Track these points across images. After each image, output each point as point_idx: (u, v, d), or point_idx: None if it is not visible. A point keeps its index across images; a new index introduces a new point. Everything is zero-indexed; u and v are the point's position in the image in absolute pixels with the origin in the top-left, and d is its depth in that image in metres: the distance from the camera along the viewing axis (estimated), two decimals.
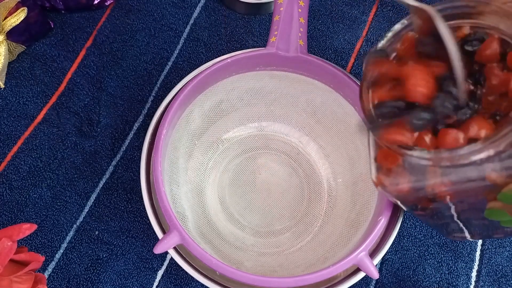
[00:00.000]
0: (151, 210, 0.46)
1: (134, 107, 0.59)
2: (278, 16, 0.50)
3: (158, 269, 0.53)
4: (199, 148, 0.55)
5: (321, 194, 0.56)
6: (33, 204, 0.54)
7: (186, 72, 0.52)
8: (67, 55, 0.61)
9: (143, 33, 0.63)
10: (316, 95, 0.54)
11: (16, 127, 0.57)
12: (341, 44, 0.64)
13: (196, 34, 0.64)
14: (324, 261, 0.48)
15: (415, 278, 0.54)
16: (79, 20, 0.63)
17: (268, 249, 0.53)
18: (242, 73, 0.52)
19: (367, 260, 0.42)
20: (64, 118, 0.58)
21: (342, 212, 0.53)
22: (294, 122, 0.58)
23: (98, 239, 0.53)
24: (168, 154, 0.49)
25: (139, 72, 0.61)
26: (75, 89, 0.59)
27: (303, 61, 0.50)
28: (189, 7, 0.65)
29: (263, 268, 0.50)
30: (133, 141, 0.58)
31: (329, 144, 0.56)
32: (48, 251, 0.53)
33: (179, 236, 0.42)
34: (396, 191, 0.39)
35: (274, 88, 0.55)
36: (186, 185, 0.53)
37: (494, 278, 0.54)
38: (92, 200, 0.55)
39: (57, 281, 0.52)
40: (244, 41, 0.64)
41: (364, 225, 0.47)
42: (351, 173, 0.54)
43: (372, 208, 0.47)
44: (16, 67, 0.60)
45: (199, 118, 0.54)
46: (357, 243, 0.44)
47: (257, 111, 0.57)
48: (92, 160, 0.57)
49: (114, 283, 0.52)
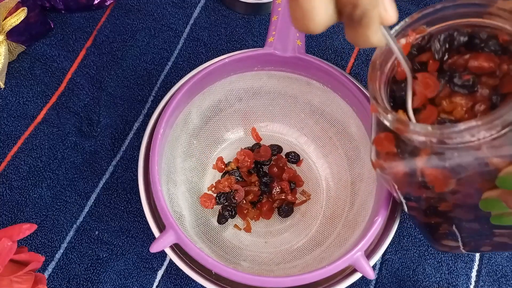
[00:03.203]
0: (149, 209, 0.46)
1: (134, 107, 0.59)
2: (276, 16, 0.50)
3: (158, 269, 0.53)
4: (197, 148, 0.55)
5: (319, 194, 0.56)
6: (33, 204, 0.54)
7: (186, 72, 0.52)
8: (67, 55, 0.61)
9: (143, 33, 0.63)
10: (314, 95, 0.54)
11: (16, 127, 0.57)
12: (341, 44, 0.64)
13: (196, 34, 0.64)
14: (320, 261, 0.48)
15: (415, 278, 0.54)
16: (79, 20, 0.63)
17: (265, 249, 0.53)
18: (240, 73, 0.52)
19: (363, 260, 0.42)
20: (64, 118, 0.58)
21: (340, 212, 0.53)
22: (293, 122, 0.58)
23: (98, 239, 0.54)
24: (165, 153, 0.49)
25: (139, 72, 0.61)
26: (75, 89, 0.60)
27: (301, 61, 0.50)
28: (189, 7, 0.65)
29: (260, 268, 0.50)
30: (133, 141, 0.58)
31: (327, 144, 0.56)
32: (48, 251, 0.53)
33: (175, 235, 0.42)
34: (392, 174, 0.39)
35: (272, 88, 0.55)
36: (183, 184, 0.53)
37: (494, 278, 0.54)
38: (92, 200, 0.55)
39: (57, 281, 0.52)
40: (244, 41, 0.64)
41: (362, 225, 0.47)
42: (350, 173, 0.54)
43: (370, 208, 0.47)
44: (16, 67, 0.60)
45: (197, 118, 0.54)
46: (353, 243, 0.44)
47: (256, 111, 0.57)
48: (92, 160, 0.57)
49: (114, 283, 0.52)
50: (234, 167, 0.55)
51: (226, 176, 0.55)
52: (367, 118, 0.48)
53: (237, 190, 0.53)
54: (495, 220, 0.40)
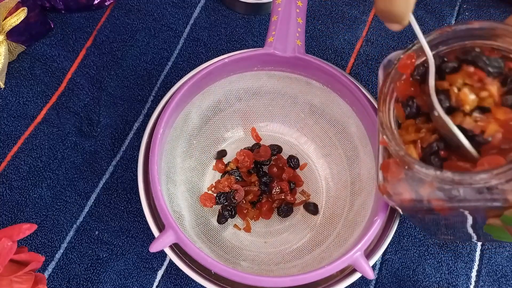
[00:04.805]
0: (148, 209, 0.46)
1: (134, 107, 0.59)
2: (276, 17, 0.50)
3: (158, 269, 0.53)
4: (196, 148, 0.55)
5: (319, 194, 0.56)
6: (33, 204, 0.54)
7: (186, 72, 0.52)
8: (67, 55, 0.61)
9: (143, 33, 0.63)
10: (314, 95, 0.54)
11: (16, 127, 0.57)
12: (341, 44, 0.64)
13: (196, 34, 0.64)
14: (320, 261, 0.48)
15: (415, 278, 0.54)
16: (79, 20, 0.63)
17: (265, 249, 0.53)
18: (240, 73, 0.52)
19: (363, 260, 0.42)
20: (64, 118, 0.58)
21: (339, 212, 0.53)
22: (293, 122, 0.58)
23: (98, 239, 0.54)
24: (165, 153, 0.49)
25: (139, 72, 0.61)
26: (75, 89, 0.60)
27: (301, 61, 0.50)
28: (189, 7, 0.65)
29: (260, 268, 0.50)
30: (133, 141, 0.58)
31: (327, 144, 0.56)
32: (48, 251, 0.53)
33: (174, 235, 0.42)
34: (399, 201, 0.39)
35: (272, 88, 0.55)
36: (183, 184, 0.53)
37: (494, 278, 0.54)
38: (92, 200, 0.55)
39: (57, 281, 0.52)
40: (244, 41, 0.64)
41: (361, 225, 0.47)
42: (349, 173, 0.54)
43: (369, 208, 0.47)
44: (16, 67, 0.60)
45: (197, 117, 0.54)
46: (353, 243, 0.44)
47: (255, 111, 0.57)
48: (92, 160, 0.57)
49: (114, 283, 0.52)
50: (233, 167, 0.55)
51: (226, 176, 0.55)
52: (367, 118, 0.48)
53: (237, 190, 0.53)
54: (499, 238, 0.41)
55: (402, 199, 0.38)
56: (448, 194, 0.35)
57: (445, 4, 0.67)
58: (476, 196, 0.34)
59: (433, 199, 0.36)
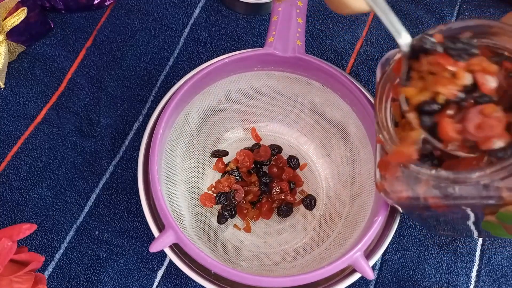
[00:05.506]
0: (148, 209, 0.46)
1: (134, 107, 0.59)
2: (276, 17, 0.50)
3: (158, 269, 0.53)
4: (196, 148, 0.55)
5: (319, 194, 0.56)
6: (33, 204, 0.54)
7: (186, 72, 0.52)
8: (67, 55, 0.61)
9: (143, 33, 0.63)
10: (314, 96, 0.54)
11: (16, 127, 0.57)
12: (341, 44, 0.64)
13: (196, 34, 0.64)
14: (320, 261, 0.48)
15: (415, 278, 0.54)
16: (79, 20, 0.63)
17: (265, 249, 0.53)
18: (240, 73, 0.52)
19: (362, 261, 0.42)
20: (64, 118, 0.58)
21: (339, 212, 0.53)
22: (293, 122, 0.58)
23: (98, 239, 0.54)
24: (165, 153, 0.49)
25: (139, 72, 0.61)
26: (75, 89, 0.60)
27: (301, 61, 0.50)
28: (189, 7, 0.65)
29: (260, 268, 0.50)
30: (133, 141, 0.58)
31: (327, 144, 0.56)
32: (48, 251, 0.53)
33: (174, 235, 0.42)
34: (396, 198, 0.39)
35: (272, 88, 0.55)
36: (183, 184, 0.53)
37: (494, 278, 0.54)
38: (92, 200, 0.55)
39: (57, 281, 0.52)
40: (244, 41, 0.64)
41: (361, 225, 0.47)
42: (349, 173, 0.54)
43: (369, 208, 0.47)
44: (16, 67, 0.60)
45: (197, 118, 0.54)
46: (353, 243, 0.44)
47: (255, 111, 0.57)
48: (92, 160, 0.57)
49: (114, 283, 0.52)
50: (233, 167, 0.55)
51: (226, 176, 0.55)
52: (367, 118, 0.48)
53: (236, 190, 0.53)
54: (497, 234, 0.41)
55: (399, 197, 0.39)
56: (444, 192, 0.35)
57: (445, 4, 0.67)
58: (471, 194, 0.34)
59: (429, 197, 0.36)
